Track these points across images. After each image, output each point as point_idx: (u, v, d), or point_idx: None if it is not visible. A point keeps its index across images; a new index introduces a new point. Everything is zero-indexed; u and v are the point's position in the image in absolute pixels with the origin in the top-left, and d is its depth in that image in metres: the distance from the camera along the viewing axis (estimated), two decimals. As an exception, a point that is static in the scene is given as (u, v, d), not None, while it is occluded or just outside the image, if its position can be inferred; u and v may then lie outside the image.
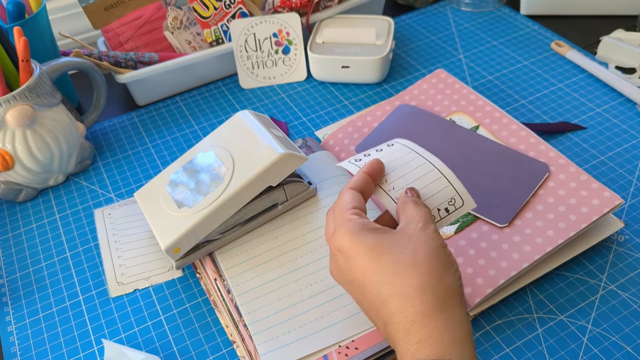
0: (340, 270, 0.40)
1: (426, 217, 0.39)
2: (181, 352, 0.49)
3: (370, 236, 0.38)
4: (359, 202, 0.41)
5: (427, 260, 0.36)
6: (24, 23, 0.65)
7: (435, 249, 0.37)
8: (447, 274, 0.36)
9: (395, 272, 0.36)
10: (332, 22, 0.78)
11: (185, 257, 0.53)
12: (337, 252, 0.40)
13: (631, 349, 0.46)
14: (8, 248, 0.59)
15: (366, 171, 0.43)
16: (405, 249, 0.37)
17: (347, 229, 0.39)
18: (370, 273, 0.37)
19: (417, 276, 0.36)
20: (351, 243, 0.38)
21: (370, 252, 0.37)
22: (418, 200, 0.41)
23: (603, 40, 0.76)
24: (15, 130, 0.58)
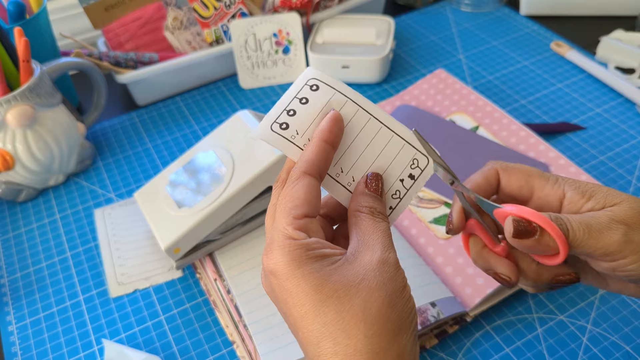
0: (271, 293, 0.32)
1: (385, 239, 0.31)
2: (181, 352, 0.49)
3: (314, 268, 0.29)
4: (311, 201, 0.31)
5: (380, 315, 0.29)
6: (25, 23, 0.65)
7: (392, 297, 0.29)
8: (402, 333, 0.29)
9: (339, 328, 0.28)
10: (332, 22, 0.78)
11: (185, 257, 0.54)
12: (271, 275, 0.31)
13: (631, 348, 0.46)
14: (9, 248, 0.60)
15: (325, 138, 0.32)
16: (356, 296, 0.29)
17: (286, 254, 0.30)
18: (309, 318, 0.29)
19: (365, 338, 0.28)
20: (289, 273, 0.30)
21: (313, 293, 0.29)
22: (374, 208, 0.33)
23: (603, 41, 0.76)
24: (15, 130, 0.58)
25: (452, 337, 0.48)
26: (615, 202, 0.33)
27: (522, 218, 0.32)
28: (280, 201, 0.32)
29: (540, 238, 0.31)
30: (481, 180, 0.36)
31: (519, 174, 0.36)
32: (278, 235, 0.31)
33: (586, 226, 0.31)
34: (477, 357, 0.47)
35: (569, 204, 0.34)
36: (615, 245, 0.31)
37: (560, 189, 0.35)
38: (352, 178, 0.34)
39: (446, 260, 0.51)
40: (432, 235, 0.53)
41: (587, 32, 0.82)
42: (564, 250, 0.31)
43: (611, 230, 0.31)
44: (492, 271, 0.35)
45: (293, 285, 0.29)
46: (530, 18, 0.86)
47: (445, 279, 0.50)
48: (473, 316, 0.48)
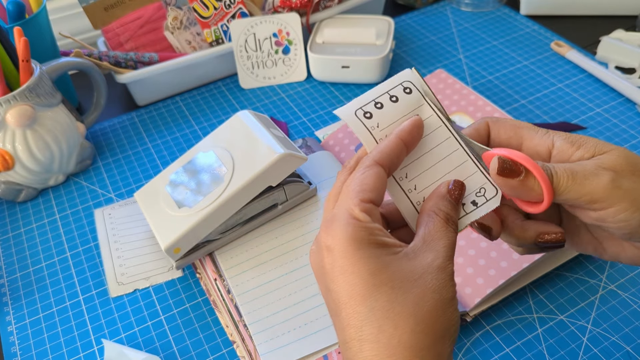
0: (322, 270, 0.32)
1: (450, 249, 0.31)
2: (181, 352, 0.49)
3: (374, 254, 0.29)
4: (379, 190, 0.32)
5: (429, 316, 0.29)
6: (24, 23, 0.65)
7: (444, 302, 0.29)
8: (445, 339, 0.29)
9: (387, 316, 0.28)
10: (332, 22, 0.78)
11: (185, 257, 0.53)
12: (326, 250, 0.31)
13: (631, 348, 0.46)
14: (8, 248, 0.59)
15: (403, 137, 0.33)
16: (411, 291, 0.29)
17: (349, 233, 0.30)
18: (357, 300, 0.29)
19: (410, 333, 0.28)
20: (348, 252, 0.30)
21: (368, 276, 0.29)
22: (450, 215, 0.32)
23: (603, 40, 0.76)
24: (15, 130, 0.58)
25: (452, 337, 0.48)
26: (605, 150, 0.32)
27: (509, 157, 0.32)
28: (349, 183, 0.32)
29: (525, 179, 0.31)
30: (471, 131, 0.36)
31: (508, 125, 0.36)
32: (343, 213, 0.30)
33: (571, 172, 0.31)
34: (477, 357, 0.47)
35: (558, 153, 0.34)
36: (602, 191, 0.31)
37: (550, 139, 0.34)
38: (415, 186, 0.34)
39: (446, 260, 0.51)
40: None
41: (587, 32, 0.82)
42: (549, 196, 0.31)
43: (597, 176, 0.31)
44: (475, 220, 0.35)
45: (349, 264, 0.29)
46: (530, 18, 0.86)
47: (446, 279, 0.50)
48: (473, 316, 0.48)
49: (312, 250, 0.33)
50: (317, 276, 0.33)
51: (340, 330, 0.30)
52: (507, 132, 0.36)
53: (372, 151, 0.33)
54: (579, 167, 0.31)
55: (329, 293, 0.31)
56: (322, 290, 0.32)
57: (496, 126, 0.36)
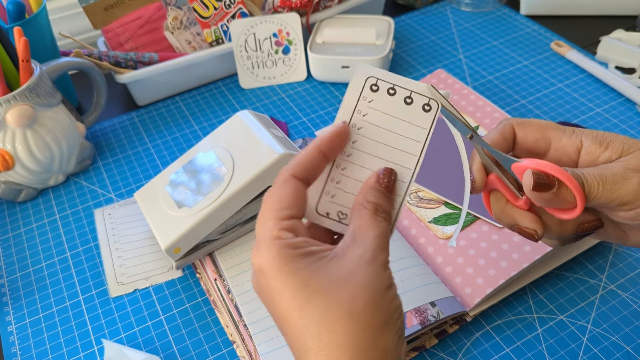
0: (260, 291, 0.32)
1: (380, 239, 0.31)
2: (181, 352, 0.49)
3: (302, 265, 0.29)
4: (298, 204, 0.32)
5: (365, 311, 0.28)
6: (24, 23, 0.65)
7: (378, 294, 0.29)
8: (387, 331, 0.29)
9: (324, 324, 0.28)
10: (332, 22, 0.78)
11: (185, 257, 0.53)
12: (260, 273, 0.31)
13: (631, 348, 0.46)
14: (8, 248, 0.59)
15: (321, 148, 0.33)
16: (343, 292, 0.29)
17: (274, 253, 0.30)
18: (294, 315, 0.29)
19: (350, 334, 0.28)
20: (276, 270, 0.30)
21: (300, 289, 0.29)
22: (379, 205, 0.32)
23: (603, 40, 0.76)
24: (15, 130, 0.58)
25: (452, 337, 0.48)
26: (632, 150, 0.33)
27: (541, 171, 0.32)
28: (267, 199, 0.32)
29: (558, 191, 0.32)
30: (497, 136, 0.36)
31: (535, 127, 0.36)
32: (266, 235, 0.31)
33: (601, 178, 0.32)
34: (477, 357, 0.47)
35: (586, 154, 0.34)
36: (632, 194, 0.31)
37: (578, 139, 0.35)
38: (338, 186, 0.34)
39: (446, 260, 0.51)
40: (432, 235, 0.53)
41: (587, 32, 0.82)
42: (581, 203, 0.32)
43: (626, 180, 0.31)
44: (517, 226, 0.35)
45: (280, 282, 0.29)
46: (530, 18, 0.86)
47: (445, 279, 0.50)
48: (473, 316, 0.48)
49: (252, 277, 0.33)
50: (261, 300, 0.33)
51: (291, 347, 0.30)
52: (535, 134, 0.36)
53: (289, 163, 0.33)
54: (607, 171, 0.32)
55: (272, 313, 0.31)
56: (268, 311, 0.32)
57: (522, 128, 0.36)
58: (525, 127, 0.36)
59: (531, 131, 0.36)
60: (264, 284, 0.31)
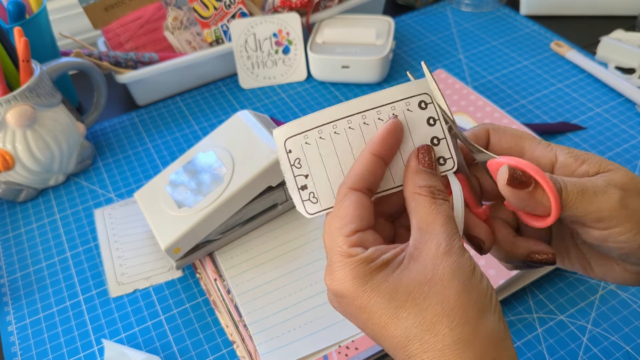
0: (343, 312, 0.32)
1: (448, 225, 0.30)
2: (181, 352, 0.49)
3: (382, 279, 0.29)
4: (362, 216, 0.31)
5: (458, 304, 0.28)
6: (25, 23, 0.65)
7: (466, 282, 0.28)
8: (484, 315, 0.28)
9: (424, 329, 0.28)
10: (332, 22, 0.78)
11: (185, 257, 0.54)
12: (339, 297, 0.30)
13: (631, 348, 0.46)
14: (9, 248, 0.60)
15: (376, 152, 0.31)
16: (431, 294, 0.28)
17: (348, 274, 0.29)
18: (391, 328, 0.29)
19: (450, 332, 0.27)
20: (357, 292, 0.29)
21: (388, 303, 0.29)
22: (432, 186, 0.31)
23: (603, 41, 0.76)
24: (15, 130, 0.58)
25: (452, 337, 0.48)
26: (610, 168, 0.32)
27: (519, 167, 0.30)
28: (329, 221, 0.31)
29: (534, 191, 0.30)
30: (470, 136, 0.35)
31: (510, 135, 0.35)
32: (336, 256, 0.30)
33: (581, 187, 0.30)
34: (477, 357, 0.47)
35: (562, 167, 0.33)
36: (610, 210, 0.30)
37: (552, 153, 0.33)
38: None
39: (446, 260, 0.51)
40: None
41: (587, 32, 0.82)
42: (556, 210, 0.30)
43: (607, 194, 0.30)
44: (466, 232, 0.34)
45: (365, 302, 0.29)
46: (530, 18, 0.86)
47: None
48: (473, 316, 0.48)
49: (329, 298, 0.32)
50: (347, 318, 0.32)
51: (393, 355, 0.30)
52: (508, 141, 0.34)
53: (346, 176, 0.31)
54: (589, 182, 0.31)
55: (364, 330, 0.31)
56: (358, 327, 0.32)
57: (497, 134, 0.35)
58: (500, 133, 0.35)
59: (505, 138, 0.35)
60: (346, 304, 0.30)
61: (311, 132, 0.33)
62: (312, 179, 0.32)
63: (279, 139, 0.33)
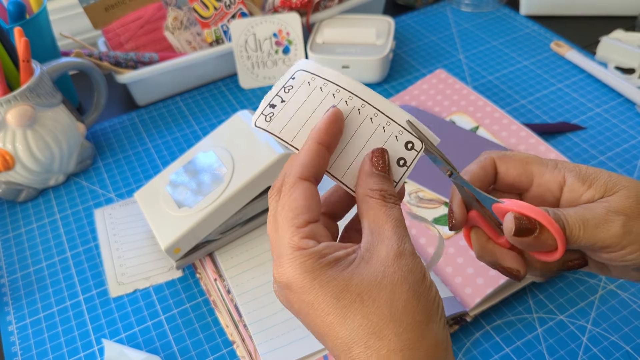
0: (289, 306, 0.31)
1: (398, 228, 0.30)
2: (181, 352, 0.49)
3: (332, 276, 0.28)
4: (312, 206, 0.30)
5: (407, 310, 0.28)
6: (25, 23, 0.65)
7: (415, 288, 0.28)
8: (431, 323, 0.28)
9: (368, 331, 0.27)
10: (332, 22, 0.78)
11: (185, 257, 0.54)
12: (286, 289, 0.29)
13: (630, 348, 0.46)
14: (9, 248, 0.60)
15: (320, 141, 0.31)
16: (380, 296, 0.28)
17: (298, 266, 0.28)
18: (335, 327, 0.28)
19: (396, 336, 0.27)
20: (306, 286, 0.28)
21: (336, 301, 0.28)
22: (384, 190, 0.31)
23: (602, 41, 0.76)
24: (15, 130, 0.58)
25: (452, 337, 0.48)
26: (615, 190, 0.32)
27: (522, 214, 0.31)
28: (280, 211, 0.30)
29: (540, 235, 0.31)
30: (478, 170, 0.35)
31: (517, 161, 0.35)
32: (286, 247, 0.29)
33: (582, 221, 0.31)
34: (477, 357, 0.47)
35: (569, 191, 0.33)
36: (614, 237, 0.31)
37: (561, 175, 0.34)
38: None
39: (446, 260, 0.51)
40: (432, 235, 0.53)
41: (587, 32, 0.82)
42: (562, 246, 0.31)
43: (608, 223, 0.31)
44: (499, 265, 0.34)
45: (313, 297, 0.28)
46: (530, 18, 0.86)
47: (445, 279, 0.50)
48: (473, 316, 0.48)
49: (275, 290, 0.32)
50: (291, 312, 0.31)
51: (334, 356, 0.29)
52: (517, 169, 0.35)
53: (292, 166, 0.31)
54: (589, 213, 0.31)
55: (307, 327, 0.30)
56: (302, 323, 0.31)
57: (504, 163, 0.35)
58: (507, 161, 0.35)
59: (513, 166, 0.35)
60: (294, 299, 0.29)
61: (319, 79, 0.34)
62: (284, 107, 0.33)
63: (297, 66, 0.35)
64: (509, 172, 0.35)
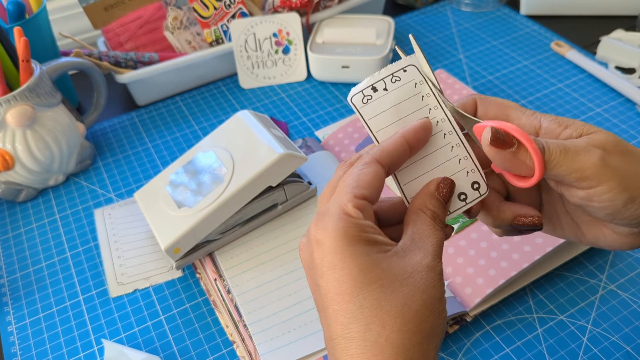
0: (309, 261, 0.31)
1: (438, 248, 0.31)
2: (181, 352, 0.49)
3: (365, 251, 0.29)
4: (375, 188, 0.31)
5: (417, 315, 0.28)
6: (25, 23, 0.65)
7: (432, 302, 0.29)
8: (431, 338, 0.29)
9: (375, 314, 0.28)
10: (332, 22, 0.78)
11: (185, 257, 0.54)
12: (316, 244, 0.30)
13: (631, 348, 0.46)
14: (8, 248, 0.60)
15: (408, 138, 0.33)
16: (399, 290, 0.29)
17: (340, 228, 0.29)
18: (346, 297, 0.29)
19: (399, 332, 0.28)
20: (338, 248, 0.29)
21: (358, 274, 0.29)
22: (437, 214, 0.32)
23: (603, 40, 0.76)
24: (15, 130, 0.58)
25: (452, 337, 0.48)
26: (593, 130, 0.33)
27: (502, 129, 0.31)
28: (345, 178, 0.32)
29: (517, 151, 0.31)
30: (459, 106, 0.36)
31: (496, 104, 0.36)
32: (335, 208, 0.30)
33: (563, 147, 0.31)
34: (477, 357, 0.47)
35: (546, 132, 0.34)
36: (592, 168, 0.31)
37: (537, 120, 0.34)
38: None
39: (446, 260, 0.51)
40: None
41: (588, 32, 0.82)
42: (540, 169, 0.31)
43: (588, 153, 0.31)
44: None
45: (338, 260, 0.29)
46: (530, 18, 0.86)
47: (446, 279, 0.50)
48: (473, 316, 0.48)
49: (302, 243, 0.32)
50: (307, 270, 0.32)
51: (327, 327, 0.30)
52: (495, 110, 0.36)
53: (374, 148, 0.32)
54: (570, 143, 0.32)
55: (317, 288, 0.31)
56: (310, 284, 0.32)
57: (484, 104, 0.36)
58: (487, 103, 0.36)
59: (491, 108, 0.36)
60: (319, 255, 0.30)
61: (425, 87, 0.35)
62: (385, 96, 0.35)
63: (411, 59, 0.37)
64: (487, 112, 0.36)
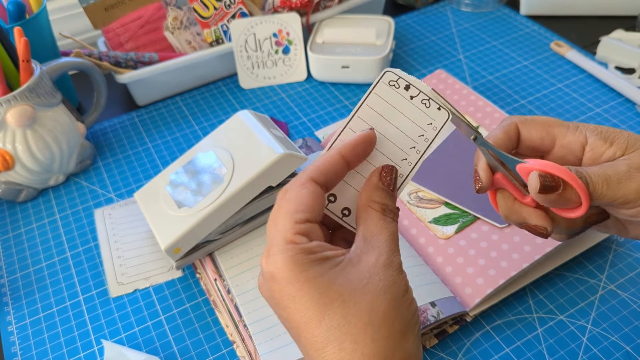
0: (270, 297, 0.31)
1: (392, 242, 0.31)
2: (181, 352, 0.49)
3: (318, 272, 0.29)
4: (314, 208, 0.31)
5: (386, 318, 0.28)
6: (25, 23, 0.65)
7: (397, 299, 0.29)
8: (407, 335, 0.29)
9: (345, 332, 0.28)
10: (332, 22, 0.78)
11: (185, 257, 0.54)
12: (271, 280, 0.30)
13: (630, 348, 0.46)
14: (9, 248, 0.60)
15: (344, 154, 0.33)
16: (362, 300, 0.28)
17: (288, 258, 0.29)
18: (313, 324, 0.28)
19: (372, 342, 0.28)
20: (291, 278, 0.29)
21: (318, 297, 0.28)
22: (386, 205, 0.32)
23: (603, 41, 0.76)
24: (15, 130, 0.58)
25: (452, 337, 0.48)
26: (636, 147, 0.33)
27: (546, 172, 0.32)
28: (284, 205, 0.31)
29: (564, 192, 0.32)
30: (501, 134, 0.36)
31: (539, 125, 0.36)
32: (279, 239, 0.30)
33: (605, 177, 0.32)
34: (477, 357, 0.47)
35: (591, 150, 0.35)
36: (635, 193, 0.32)
37: (582, 135, 0.35)
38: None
39: (446, 260, 0.51)
40: (432, 235, 0.53)
41: (587, 32, 0.82)
42: (586, 202, 0.32)
43: (629, 179, 0.32)
44: (526, 224, 0.35)
45: (296, 290, 0.29)
46: (530, 18, 0.86)
47: (445, 279, 0.50)
48: (473, 316, 0.48)
49: (260, 282, 0.32)
50: (272, 307, 0.32)
51: (306, 355, 0.30)
52: (539, 132, 0.36)
53: (309, 166, 0.32)
54: (611, 170, 0.32)
55: (285, 322, 0.31)
56: (279, 318, 0.32)
57: (526, 127, 0.36)
58: (529, 125, 0.36)
59: (535, 129, 0.36)
60: (276, 289, 0.30)
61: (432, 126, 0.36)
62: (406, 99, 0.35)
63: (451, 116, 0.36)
64: (532, 135, 0.36)
